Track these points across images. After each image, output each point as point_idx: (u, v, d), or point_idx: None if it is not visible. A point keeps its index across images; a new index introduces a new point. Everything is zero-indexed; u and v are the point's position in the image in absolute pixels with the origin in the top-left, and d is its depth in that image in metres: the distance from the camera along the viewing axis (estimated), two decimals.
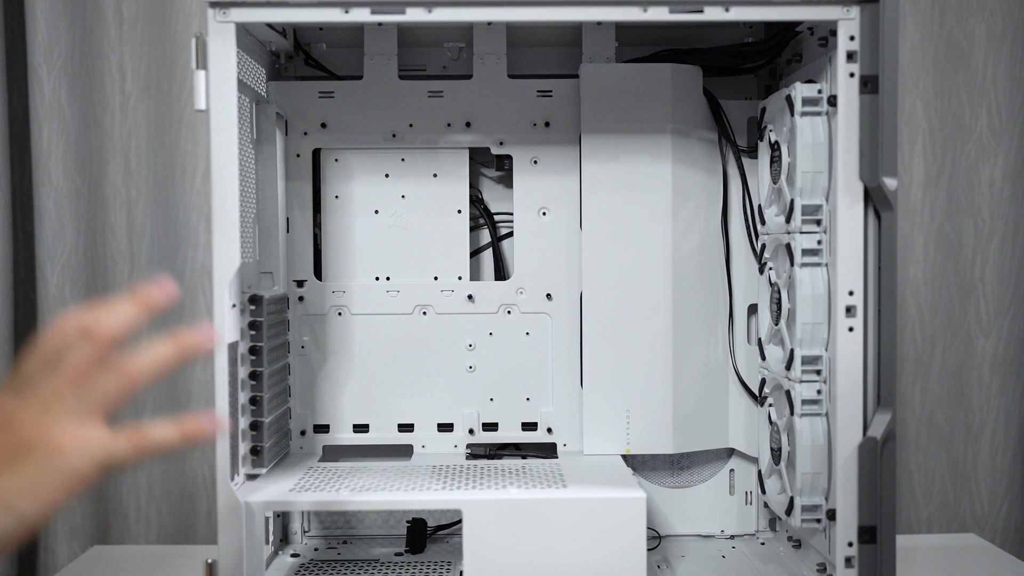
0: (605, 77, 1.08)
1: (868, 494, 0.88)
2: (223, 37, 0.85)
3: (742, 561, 1.08)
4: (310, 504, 0.91)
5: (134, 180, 1.37)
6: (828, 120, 0.93)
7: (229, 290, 0.86)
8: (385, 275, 1.13)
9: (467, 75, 1.12)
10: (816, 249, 0.94)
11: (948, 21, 1.38)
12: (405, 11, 0.85)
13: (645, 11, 0.85)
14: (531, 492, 0.92)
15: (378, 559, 1.06)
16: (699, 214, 1.11)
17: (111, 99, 1.36)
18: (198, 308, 1.38)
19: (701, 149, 1.10)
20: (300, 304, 1.12)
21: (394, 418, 1.13)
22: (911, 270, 1.41)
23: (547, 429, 1.13)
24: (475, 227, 1.16)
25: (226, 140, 0.85)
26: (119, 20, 1.35)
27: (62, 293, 1.35)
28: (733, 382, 1.13)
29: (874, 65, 0.86)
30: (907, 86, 1.38)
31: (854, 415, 0.89)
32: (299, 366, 1.12)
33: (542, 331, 1.13)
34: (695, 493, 1.16)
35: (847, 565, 0.89)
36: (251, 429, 0.95)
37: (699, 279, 1.11)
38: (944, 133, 1.40)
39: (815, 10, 0.87)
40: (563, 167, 1.11)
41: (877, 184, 0.86)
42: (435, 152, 1.12)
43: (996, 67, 1.38)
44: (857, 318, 0.89)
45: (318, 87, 1.11)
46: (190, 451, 1.39)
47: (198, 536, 1.38)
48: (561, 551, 0.90)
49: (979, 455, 1.42)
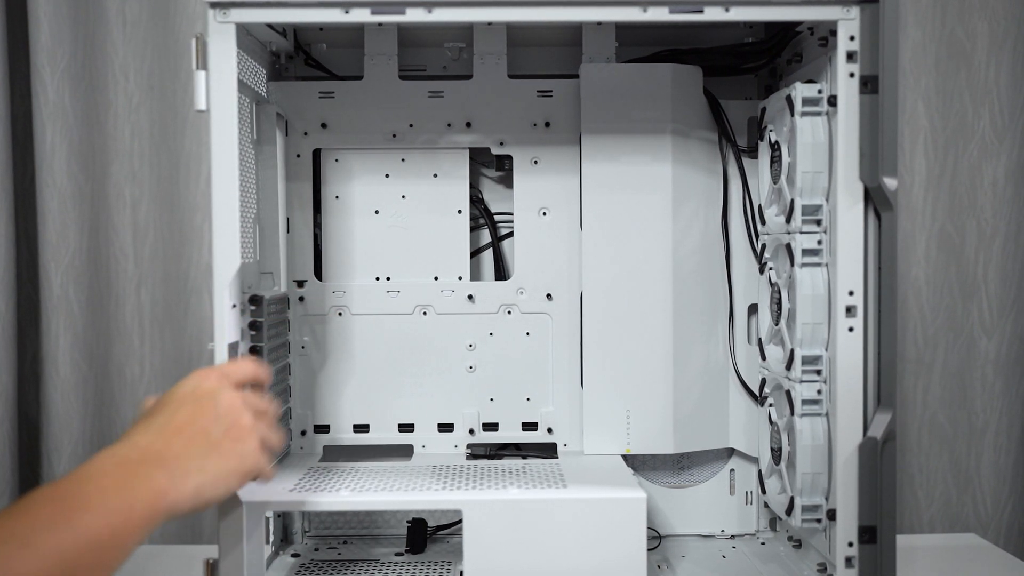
0: (605, 77, 1.08)
1: (868, 494, 0.88)
2: (223, 37, 0.85)
3: (742, 561, 1.08)
4: (310, 504, 0.92)
5: (137, 181, 1.37)
6: (828, 120, 0.93)
7: (229, 290, 0.86)
8: (385, 275, 1.13)
9: (467, 75, 1.12)
10: (816, 249, 0.94)
11: (950, 20, 1.38)
12: (405, 11, 0.85)
13: (645, 11, 0.85)
14: (531, 492, 0.92)
15: (378, 559, 1.07)
16: (699, 214, 1.11)
17: (114, 100, 1.36)
18: (202, 308, 1.38)
19: (701, 149, 1.10)
20: (300, 304, 1.12)
21: (394, 418, 1.13)
22: (913, 270, 1.41)
23: (547, 429, 1.13)
24: (475, 227, 1.16)
25: (226, 140, 0.85)
26: (122, 21, 1.36)
27: (65, 293, 1.35)
28: (733, 382, 1.13)
29: (874, 65, 0.86)
30: (908, 85, 1.38)
31: (854, 415, 0.89)
32: (299, 366, 1.12)
33: (542, 331, 1.13)
34: (695, 493, 1.16)
35: (847, 565, 0.89)
36: None
37: (699, 279, 1.11)
38: (946, 132, 1.40)
39: (815, 10, 0.86)
40: (563, 167, 1.12)
41: (877, 184, 0.86)
42: (435, 152, 1.12)
43: (998, 66, 1.38)
44: (857, 318, 0.89)
45: (318, 87, 1.11)
46: None
47: (203, 535, 1.39)
48: (561, 551, 0.90)
49: (982, 456, 1.42)
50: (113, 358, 1.38)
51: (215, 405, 0.73)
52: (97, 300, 1.38)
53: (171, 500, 0.66)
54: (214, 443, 0.71)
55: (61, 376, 1.35)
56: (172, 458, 0.68)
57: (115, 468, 0.65)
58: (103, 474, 0.64)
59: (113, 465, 0.65)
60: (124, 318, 1.38)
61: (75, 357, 1.36)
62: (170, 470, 0.67)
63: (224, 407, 0.73)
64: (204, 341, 1.37)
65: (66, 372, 1.35)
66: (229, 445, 0.72)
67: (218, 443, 0.72)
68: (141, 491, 0.64)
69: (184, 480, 0.68)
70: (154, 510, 0.65)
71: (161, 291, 1.38)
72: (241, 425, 0.74)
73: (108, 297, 1.38)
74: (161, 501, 0.65)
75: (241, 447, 0.73)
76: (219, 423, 0.72)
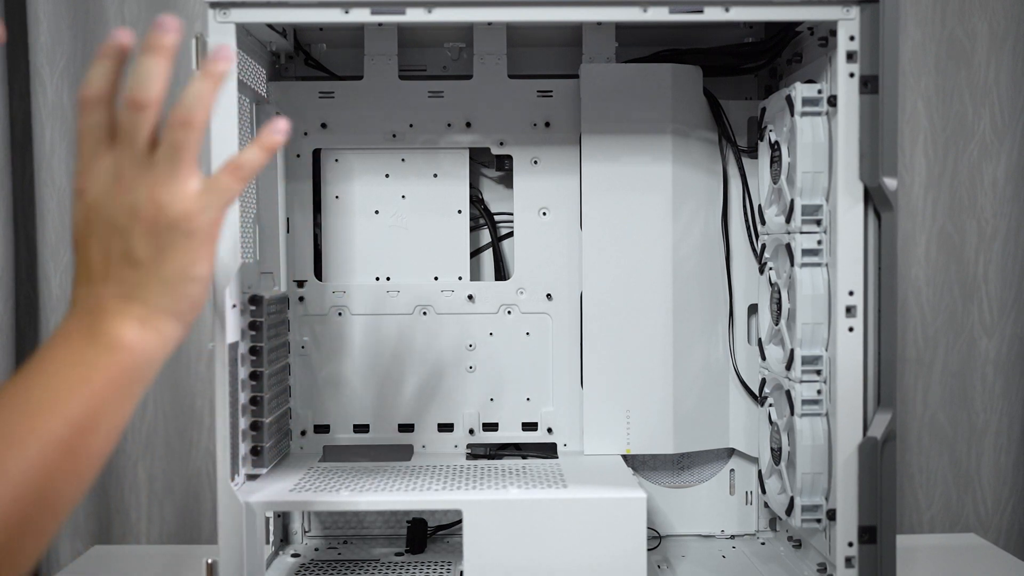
0: (605, 77, 1.08)
1: (868, 494, 0.88)
2: (223, 37, 0.85)
3: (742, 561, 1.08)
4: (310, 504, 0.92)
5: None
6: (828, 120, 0.93)
7: (229, 290, 0.86)
8: (385, 275, 1.13)
9: (467, 75, 1.12)
10: (816, 249, 0.94)
11: (950, 20, 1.38)
12: (405, 11, 0.85)
13: (645, 11, 0.85)
14: (531, 492, 0.92)
15: (378, 559, 1.07)
16: (699, 214, 1.11)
17: None
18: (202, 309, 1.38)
19: (701, 149, 1.10)
20: (300, 304, 1.12)
21: (394, 418, 1.13)
22: (913, 270, 1.41)
23: (547, 429, 1.13)
24: (475, 227, 1.16)
25: (226, 140, 0.85)
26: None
27: (65, 293, 1.35)
28: (733, 382, 1.13)
29: (874, 65, 0.86)
30: (908, 85, 1.38)
31: (854, 415, 0.89)
32: (299, 366, 1.12)
33: (542, 331, 1.13)
34: (695, 493, 1.16)
35: (847, 565, 0.89)
36: (251, 429, 0.95)
37: (699, 279, 1.11)
38: (946, 132, 1.40)
39: (815, 10, 0.86)
40: (563, 167, 1.11)
41: (877, 184, 0.86)
42: (435, 152, 1.12)
43: (998, 66, 1.38)
44: (857, 318, 0.89)
45: (318, 87, 1.11)
46: (191, 449, 1.39)
47: (202, 535, 1.39)
48: (561, 551, 0.90)
49: (982, 456, 1.42)
50: None
51: (109, 222, 0.55)
52: None
53: (128, 349, 0.54)
54: (140, 259, 0.55)
55: None
56: (104, 307, 0.54)
57: (77, 331, 0.54)
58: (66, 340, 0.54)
59: (74, 327, 0.54)
60: None
61: None
62: (108, 321, 0.54)
63: (117, 213, 0.55)
64: (203, 342, 1.37)
65: None
66: (155, 250, 0.55)
67: (144, 255, 0.55)
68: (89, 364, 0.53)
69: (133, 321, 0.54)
70: (119, 372, 0.53)
71: None
72: (143, 214, 0.54)
73: None
74: (117, 357, 0.53)
75: (169, 236, 0.55)
76: (127, 235, 0.54)
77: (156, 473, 1.39)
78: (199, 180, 0.56)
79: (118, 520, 1.39)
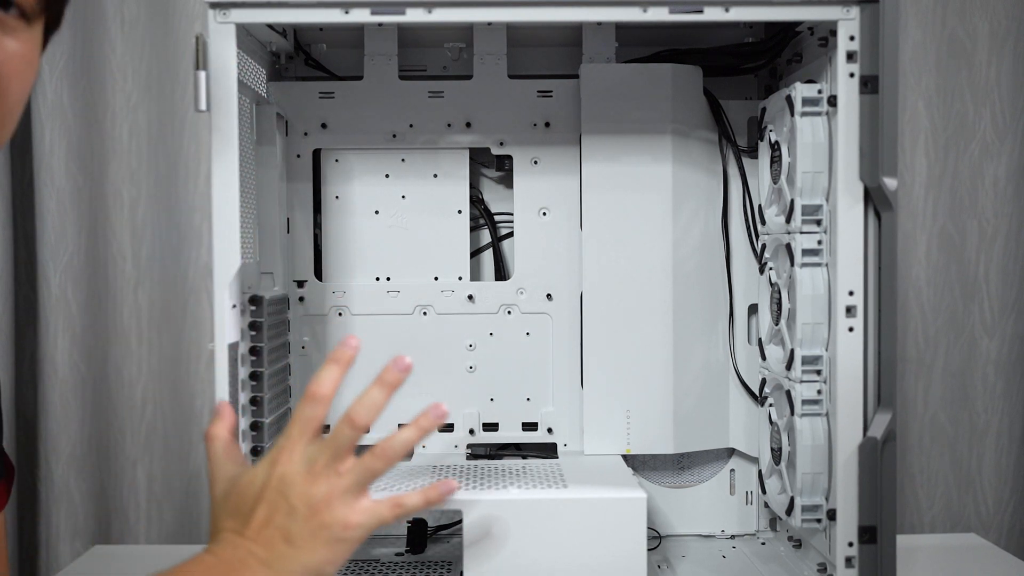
0: (605, 77, 1.08)
1: (868, 494, 0.88)
2: (223, 38, 0.85)
3: (742, 561, 1.08)
4: None
5: (135, 181, 1.37)
6: (828, 120, 0.93)
7: (229, 291, 0.86)
8: (385, 275, 1.13)
9: (467, 75, 1.12)
10: (816, 249, 0.94)
11: (950, 20, 1.38)
12: (405, 12, 0.85)
13: (645, 11, 0.85)
14: (531, 492, 0.92)
15: (378, 559, 1.06)
16: (699, 214, 1.10)
17: (112, 100, 1.36)
18: (200, 309, 1.38)
19: (701, 149, 1.10)
20: (300, 304, 1.12)
21: (394, 418, 1.13)
22: (914, 270, 1.41)
23: (547, 429, 1.13)
24: (475, 227, 1.16)
25: (226, 141, 0.85)
26: (120, 21, 1.36)
27: (64, 294, 1.35)
28: (733, 382, 1.13)
29: (874, 65, 0.85)
30: (909, 85, 1.38)
31: (854, 415, 0.89)
32: (300, 367, 1.12)
33: (542, 331, 1.13)
34: (695, 493, 1.16)
35: (847, 565, 0.89)
36: (252, 430, 0.95)
37: (699, 279, 1.11)
38: (947, 132, 1.40)
39: (815, 10, 0.86)
40: (563, 167, 1.11)
41: (877, 184, 0.86)
42: (435, 152, 1.12)
43: (999, 66, 1.38)
44: (857, 318, 0.89)
45: (318, 87, 1.11)
46: (190, 450, 1.39)
47: (202, 535, 1.38)
48: (561, 551, 0.90)
49: (983, 457, 1.42)
50: (111, 359, 1.38)
51: (286, 498, 0.65)
52: (95, 300, 1.38)
53: None
54: (294, 540, 0.64)
55: (59, 377, 1.35)
56: (246, 565, 0.64)
57: (217, 565, 0.64)
58: (207, 569, 0.64)
59: (215, 562, 0.64)
60: (122, 319, 1.38)
61: (73, 358, 1.36)
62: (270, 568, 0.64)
63: (296, 496, 0.65)
64: (203, 342, 1.37)
65: (64, 373, 1.35)
66: (309, 539, 0.64)
67: (299, 538, 0.64)
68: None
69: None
70: None
71: (159, 292, 1.38)
72: (316, 508, 0.65)
73: (106, 297, 1.38)
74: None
75: (325, 533, 0.65)
76: (294, 517, 0.64)
77: (156, 473, 1.39)
78: (370, 503, 0.67)
79: (117, 520, 1.39)
